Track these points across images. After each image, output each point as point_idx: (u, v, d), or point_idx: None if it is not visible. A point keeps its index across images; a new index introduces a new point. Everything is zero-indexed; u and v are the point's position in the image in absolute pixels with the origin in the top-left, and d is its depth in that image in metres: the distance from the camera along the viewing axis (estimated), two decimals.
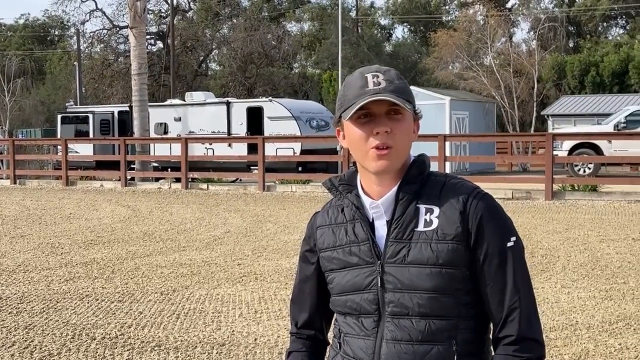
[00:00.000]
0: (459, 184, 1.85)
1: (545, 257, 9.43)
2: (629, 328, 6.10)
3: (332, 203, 1.97)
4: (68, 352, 5.57)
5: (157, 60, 49.12)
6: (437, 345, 1.78)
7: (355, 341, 1.86)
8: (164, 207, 16.50)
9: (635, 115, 23.04)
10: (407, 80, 1.94)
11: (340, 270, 1.88)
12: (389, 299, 1.80)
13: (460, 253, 1.78)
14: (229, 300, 7.28)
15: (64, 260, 9.67)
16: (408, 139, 1.83)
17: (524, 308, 1.78)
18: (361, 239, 1.85)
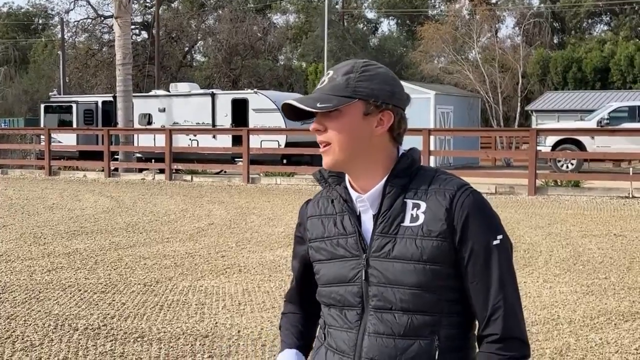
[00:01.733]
0: (447, 180, 1.83)
1: (528, 251, 9.48)
2: (609, 323, 6.14)
3: (323, 194, 1.97)
4: (50, 342, 5.55)
5: (142, 50, 48.92)
6: (419, 340, 1.77)
7: (338, 333, 1.86)
8: (147, 198, 16.45)
9: (618, 111, 23.19)
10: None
11: (327, 261, 1.88)
12: (372, 292, 1.80)
13: (445, 250, 1.76)
14: (213, 292, 7.27)
15: (47, 251, 9.63)
16: (349, 134, 1.81)
17: (509, 307, 1.77)
18: (349, 232, 1.85)
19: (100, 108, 29.23)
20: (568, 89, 37.51)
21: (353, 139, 1.82)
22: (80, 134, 27.22)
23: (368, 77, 1.82)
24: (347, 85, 1.81)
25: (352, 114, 1.81)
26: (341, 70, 1.84)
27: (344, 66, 1.86)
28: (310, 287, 2.01)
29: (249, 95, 25.93)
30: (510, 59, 36.10)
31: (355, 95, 1.80)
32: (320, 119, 1.83)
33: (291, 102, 1.82)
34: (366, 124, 1.82)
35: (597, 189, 17.15)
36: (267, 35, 51.52)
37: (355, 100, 1.80)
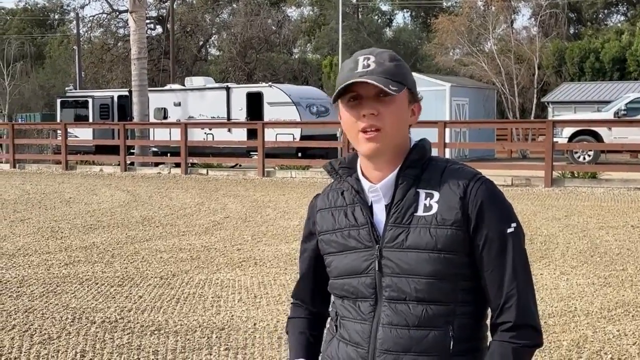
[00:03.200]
0: (460, 169, 1.83)
1: (545, 243, 9.45)
2: (627, 315, 6.12)
3: (333, 186, 1.96)
4: (68, 335, 5.58)
5: (157, 44, 49.02)
6: (434, 331, 1.77)
7: (351, 325, 1.85)
8: (163, 192, 16.51)
9: (635, 102, 23.00)
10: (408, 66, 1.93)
11: (339, 253, 1.87)
12: (386, 283, 1.79)
13: (459, 239, 1.76)
14: (229, 285, 7.29)
15: (64, 244, 9.68)
16: (399, 121, 1.81)
17: (522, 295, 1.77)
18: (360, 223, 1.84)
19: (116, 102, 29.33)
20: (585, 80, 37.25)
21: (401, 125, 1.82)
22: (97, 129, 27.36)
23: (406, 68, 1.85)
24: (398, 71, 1.80)
25: (403, 101, 1.82)
26: (384, 57, 1.81)
27: (383, 53, 1.83)
28: (319, 284, 2.01)
29: (264, 88, 25.96)
30: (526, 50, 35.87)
31: (405, 83, 1.80)
32: (374, 104, 1.78)
33: (367, 80, 1.75)
34: (407, 113, 1.85)
35: (614, 180, 17.05)
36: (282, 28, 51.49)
37: (405, 87, 1.80)
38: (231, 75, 46.01)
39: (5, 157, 25.84)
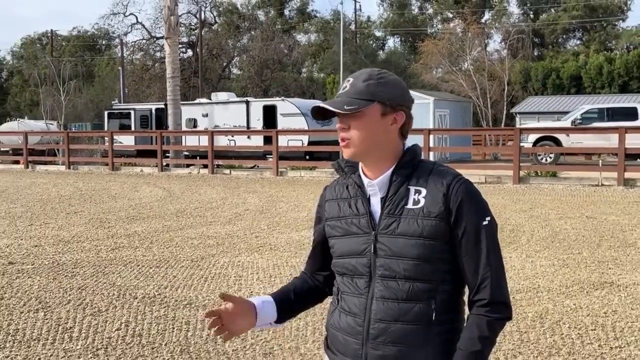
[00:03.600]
0: (444, 171, 1.85)
1: (513, 231, 9.44)
2: (582, 291, 6.12)
3: (339, 181, 1.99)
4: (114, 308, 5.61)
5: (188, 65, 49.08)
6: (419, 304, 1.78)
7: (350, 298, 1.87)
8: (193, 189, 16.54)
9: (589, 113, 22.96)
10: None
11: (342, 237, 1.89)
12: (379, 263, 1.81)
13: (441, 229, 1.78)
14: (248, 267, 7.31)
15: (111, 233, 9.72)
16: (368, 131, 1.82)
17: (495, 277, 1.78)
18: (361, 213, 1.86)
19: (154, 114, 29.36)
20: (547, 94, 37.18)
21: (371, 135, 1.83)
22: (138, 136, 27.40)
23: (384, 83, 1.85)
24: (368, 90, 1.82)
25: (372, 114, 1.83)
26: (361, 78, 1.85)
27: (362, 74, 1.87)
28: (322, 259, 2.02)
29: (277, 102, 25.95)
30: (498, 69, 35.82)
31: (374, 99, 1.82)
32: (344, 119, 1.84)
33: (322, 104, 1.84)
34: (383, 123, 1.84)
35: (571, 178, 17.02)
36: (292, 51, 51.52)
37: (375, 102, 1.82)
38: (250, 91, 46.00)
39: (62, 160, 25.90)
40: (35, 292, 6.17)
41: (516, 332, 4.93)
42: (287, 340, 4.74)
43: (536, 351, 4.54)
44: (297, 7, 62.95)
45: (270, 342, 4.74)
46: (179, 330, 5.01)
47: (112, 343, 4.73)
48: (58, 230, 10.00)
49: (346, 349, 1.86)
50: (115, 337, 4.86)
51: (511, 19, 54.73)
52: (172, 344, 4.70)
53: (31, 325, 5.16)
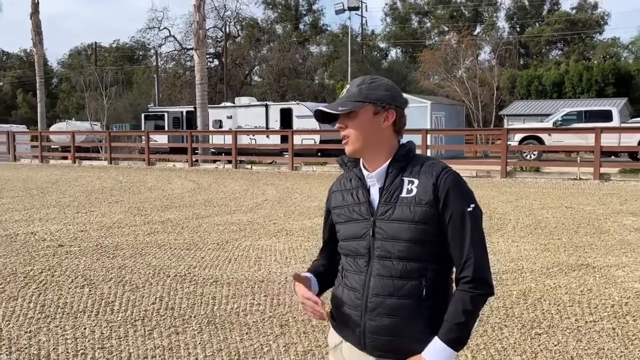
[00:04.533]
0: (434, 163, 1.86)
1: (500, 219, 9.40)
2: (561, 272, 6.09)
3: (344, 174, 2.01)
4: (150, 285, 5.65)
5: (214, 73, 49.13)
6: (412, 281, 1.79)
7: (352, 275, 1.89)
8: (219, 182, 16.58)
9: (569, 115, 22.79)
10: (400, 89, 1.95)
11: (345, 223, 1.91)
12: (377, 245, 1.82)
13: (431, 214, 1.78)
14: (267, 249, 7.32)
15: (147, 220, 9.75)
16: (363, 129, 1.84)
17: (477, 257, 1.78)
18: (361, 201, 1.88)
19: (185, 116, 29.46)
20: (531, 99, 36.92)
21: (366, 132, 1.85)
22: (171, 135, 27.48)
23: (375, 87, 1.86)
24: (360, 93, 1.85)
25: (365, 114, 1.85)
26: (354, 83, 1.89)
27: (356, 80, 1.90)
28: (334, 244, 2.03)
29: (293, 105, 25.97)
30: (488, 77, 35.61)
31: (366, 100, 1.83)
32: (342, 119, 1.87)
33: (321, 108, 1.88)
34: (376, 121, 1.85)
35: (553, 173, 16.91)
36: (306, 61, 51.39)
37: (366, 103, 1.83)
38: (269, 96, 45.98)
39: (104, 156, 26.04)
40: (82, 270, 6.22)
41: (502, 307, 4.92)
42: (300, 314, 4.76)
43: (520, 324, 4.53)
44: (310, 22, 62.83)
45: (285, 315, 4.76)
46: (206, 305, 5.04)
47: (148, 315, 4.76)
48: (101, 217, 10.06)
49: (348, 320, 1.88)
50: (151, 310, 4.90)
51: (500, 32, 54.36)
52: (200, 317, 4.73)
53: (78, 299, 5.20)
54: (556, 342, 4.18)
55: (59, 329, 4.46)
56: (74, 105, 57.32)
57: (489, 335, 4.30)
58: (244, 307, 4.98)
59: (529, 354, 3.98)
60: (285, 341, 4.20)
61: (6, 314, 4.81)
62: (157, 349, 4.06)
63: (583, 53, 50.15)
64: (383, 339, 1.81)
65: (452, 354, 1.76)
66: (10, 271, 6.20)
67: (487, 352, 4.00)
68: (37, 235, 8.26)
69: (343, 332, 1.93)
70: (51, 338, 4.27)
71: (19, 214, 10.36)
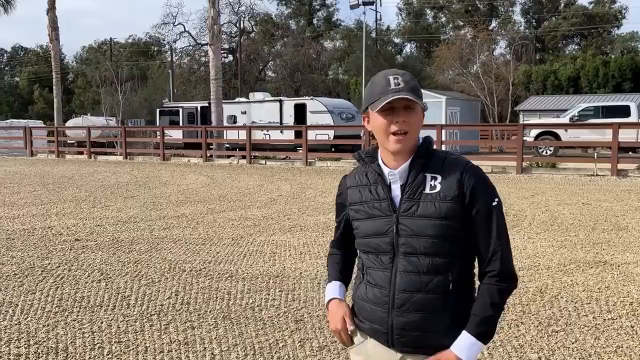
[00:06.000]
0: (456, 159, 1.85)
1: (516, 216, 9.33)
2: (578, 269, 6.03)
3: (358, 170, 1.98)
4: (165, 280, 5.67)
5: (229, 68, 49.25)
6: (438, 276, 1.79)
7: (376, 272, 1.87)
8: (233, 177, 16.62)
9: (586, 110, 22.55)
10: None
11: (365, 219, 1.89)
12: (402, 242, 1.81)
13: (456, 210, 1.78)
14: (282, 245, 7.32)
15: (162, 214, 9.79)
16: (418, 126, 1.83)
17: (504, 251, 1.81)
18: (382, 197, 1.86)
19: (199, 111, 29.54)
20: (547, 94, 36.60)
21: (419, 129, 1.85)
22: (185, 130, 27.60)
23: (418, 85, 1.87)
24: (416, 88, 1.83)
25: (420, 111, 1.84)
26: (406, 78, 1.82)
27: (405, 75, 1.83)
28: (349, 238, 2.02)
29: (307, 101, 25.94)
30: (503, 72, 35.34)
31: (421, 97, 1.83)
32: (404, 113, 1.80)
33: (410, 97, 1.77)
34: (422, 118, 1.86)
35: (569, 169, 16.75)
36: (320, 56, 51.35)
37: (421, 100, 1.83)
38: (283, 91, 46.00)
39: (120, 151, 26.22)
40: (98, 265, 6.27)
41: (518, 304, 4.88)
42: (315, 309, 4.75)
43: (537, 321, 4.50)
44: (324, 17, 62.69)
45: (300, 310, 4.76)
46: (222, 300, 5.05)
47: (163, 310, 4.79)
48: (117, 212, 10.13)
49: (373, 317, 1.87)
50: (167, 304, 4.92)
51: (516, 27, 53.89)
52: (216, 311, 4.74)
53: (94, 293, 5.24)
54: (574, 340, 4.14)
55: (77, 322, 4.49)
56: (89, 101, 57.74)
57: (506, 333, 4.27)
58: (259, 302, 4.98)
59: (546, 351, 3.94)
60: (300, 336, 4.21)
61: (24, 307, 4.86)
62: (173, 343, 4.08)
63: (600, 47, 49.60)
64: (411, 334, 1.81)
65: (481, 347, 1.79)
66: (28, 265, 6.26)
67: (503, 349, 3.98)
68: (54, 230, 8.34)
69: (369, 330, 1.91)
70: (69, 332, 4.31)
71: (36, 209, 10.47)
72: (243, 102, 28.33)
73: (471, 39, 42.00)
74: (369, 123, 1.89)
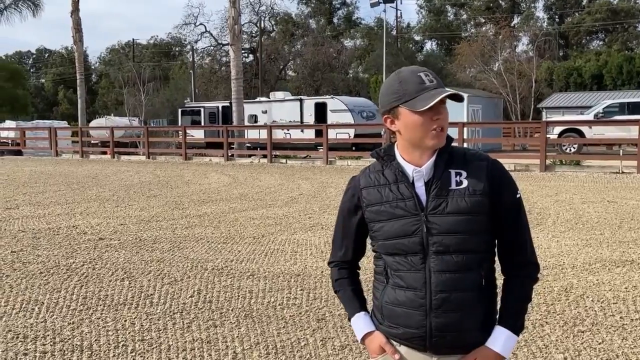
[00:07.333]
0: (476, 154, 1.84)
1: (540, 214, 9.21)
2: (604, 268, 5.93)
3: (371, 169, 1.91)
4: (188, 278, 5.70)
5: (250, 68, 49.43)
6: (471, 273, 1.77)
7: (406, 274, 1.80)
8: (255, 176, 16.67)
9: (610, 107, 22.19)
10: None
11: (388, 220, 1.81)
12: (433, 241, 1.76)
13: (485, 204, 1.77)
14: (303, 243, 7.32)
15: (184, 213, 9.85)
16: (448, 121, 1.81)
17: (529, 241, 1.85)
18: (406, 196, 1.80)
19: (221, 111, 29.68)
20: (570, 91, 36.11)
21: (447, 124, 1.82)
22: (207, 130, 27.75)
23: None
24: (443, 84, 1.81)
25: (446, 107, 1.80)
26: (434, 73, 1.80)
27: (430, 71, 1.80)
28: (359, 247, 1.98)
29: (327, 99, 25.91)
30: (526, 69, 34.92)
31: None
32: (441, 109, 1.76)
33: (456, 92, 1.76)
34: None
35: (593, 166, 16.49)
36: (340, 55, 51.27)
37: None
38: (303, 90, 46.03)
39: (142, 151, 26.47)
40: (121, 263, 6.33)
41: (543, 304, 4.81)
42: (337, 308, 4.74)
43: (562, 321, 4.43)
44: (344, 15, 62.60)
45: (322, 309, 4.75)
46: (244, 298, 5.06)
47: (186, 308, 4.81)
48: (140, 211, 10.21)
49: (408, 321, 1.79)
50: (189, 303, 4.95)
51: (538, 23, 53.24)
52: (238, 310, 4.76)
53: (118, 292, 5.29)
54: (600, 340, 4.06)
55: (101, 320, 4.54)
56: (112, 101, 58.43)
57: (530, 333, 4.21)
58: (280, 300, 4.98)
59: (572, 351, 3.88)
60: (322, 335, 4.19)
61: (50, 305, 4.93)
62: (195, 341, 4.10)
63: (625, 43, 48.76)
64: (450, 335, 1.77)
65: (515, 340, 1.81)
66: (53, 263, 6.35)
67: (528, 349, 3.92)
68: (78, 229, 8.44)
69: (402, 335, 1.83)
70: (93, 329, 4.35)
71: (61, 208, 10.61)
72: (264, 102, 28.40)
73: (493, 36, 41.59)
74: (393, 123, 1.81)
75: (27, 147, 31.04)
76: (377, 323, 1.91)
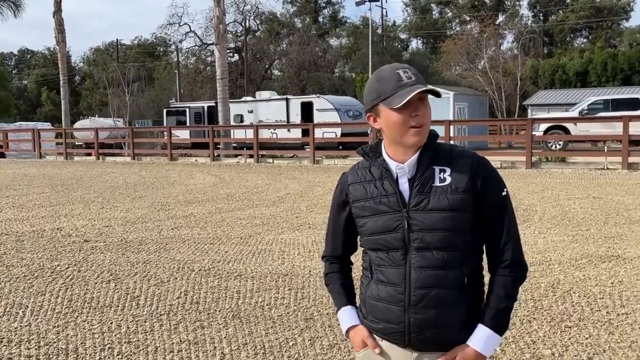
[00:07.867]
0: (463, 151, 1.82)
1: (526, 211, 9.28)
2: (590, 263, 5.98)
3: (359, 166, 1.92)
4: (174, 279, 5.67)
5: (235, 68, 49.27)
6: (453, 270, 1.76)
7: (388, 270, 1.82)
8: (241, 176, 16.63)
9: (595, 104, 22.43)
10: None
11: (372, 216, 1.83)
12: (414, 237, 1.76)
13: (468, 201, 1.75)
14: (290, 243, 7.31)
15: (170, 214, 9.81)
16: (430, 118, 1.79)
17: (515, 240, 1.81)
18: (389, 192, 1.80)
19: (206, 111, 29.58)
20: (555, 88, 36.40)
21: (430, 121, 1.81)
22: (192, 130, 27.65)
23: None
24: (424, 80, 1.79)
25: (428, 102, 1.79)
26: (414, 70, 1.79)
27: (411, 67, 1.79)
28: (349, 241, 1.99)
29: (314, 99, 25.92)
30: (511, 66, 35.17)
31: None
32: (420, 106, 1.75)
33: (432, 88, 1.75)
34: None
35: (579, 163, 16.65)
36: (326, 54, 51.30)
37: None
38: (289, 89, 45.98)
39: (127, 152, 26.31)
40: (107, 265, 6.28)
41: (530, 300, 4.84)
42: (325, 307, 4.74)
43: (549, 317, 4.46)
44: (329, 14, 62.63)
45: (310, 309, 4.74)
46: (231, 299, 5.04)
47: (173, 309, 4.78)
48: (125, 212, 10.15)
49: (389, 316, 1.81)
50: (176, 304, 4.92)
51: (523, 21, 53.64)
52: (225, 310, 4.74)
53: (104, 294, 5.25)
54: (587, 335, 4.09)
55: (86, 323, 4.50)
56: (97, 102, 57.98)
57: (518, 329, 4.23)
58: (268, 300, 4.97)
59: (559, 347, 3.90)
60: (310, 335, 4.19)
61: (35, 308, 4.87)
62: (182, 343, 4.07)
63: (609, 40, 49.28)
64: (429, 332, 1.77)
65: (498, 340, 1.78)
66: (37, 266, 6.28)
67: (516, 345, 3.94)
68: (63, 231, 8.37)
69: (382, 330, 1.85)
70: (79, 332, 4.31)
71: (45, 210, 10.51)
72: (250, 101, 28.35)
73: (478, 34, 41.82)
74: (375, 121, 1.82)
75: (9, 150, 30.71)
76: (361, 317, 1.92)
